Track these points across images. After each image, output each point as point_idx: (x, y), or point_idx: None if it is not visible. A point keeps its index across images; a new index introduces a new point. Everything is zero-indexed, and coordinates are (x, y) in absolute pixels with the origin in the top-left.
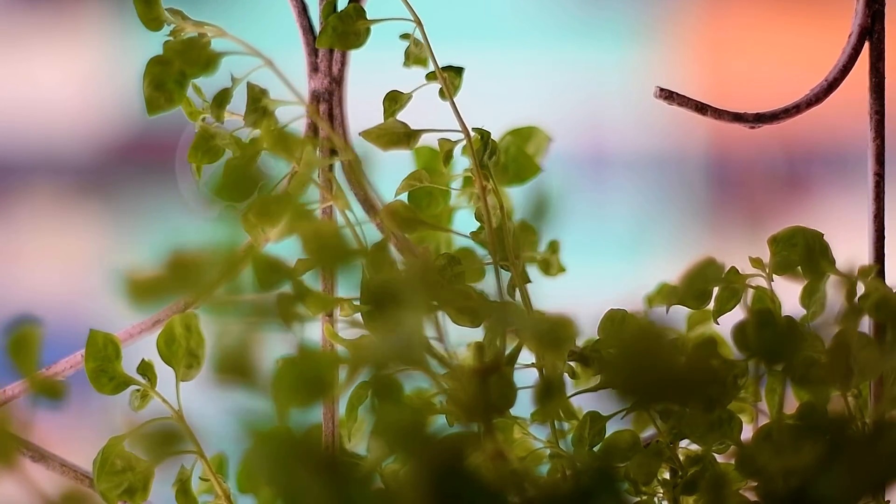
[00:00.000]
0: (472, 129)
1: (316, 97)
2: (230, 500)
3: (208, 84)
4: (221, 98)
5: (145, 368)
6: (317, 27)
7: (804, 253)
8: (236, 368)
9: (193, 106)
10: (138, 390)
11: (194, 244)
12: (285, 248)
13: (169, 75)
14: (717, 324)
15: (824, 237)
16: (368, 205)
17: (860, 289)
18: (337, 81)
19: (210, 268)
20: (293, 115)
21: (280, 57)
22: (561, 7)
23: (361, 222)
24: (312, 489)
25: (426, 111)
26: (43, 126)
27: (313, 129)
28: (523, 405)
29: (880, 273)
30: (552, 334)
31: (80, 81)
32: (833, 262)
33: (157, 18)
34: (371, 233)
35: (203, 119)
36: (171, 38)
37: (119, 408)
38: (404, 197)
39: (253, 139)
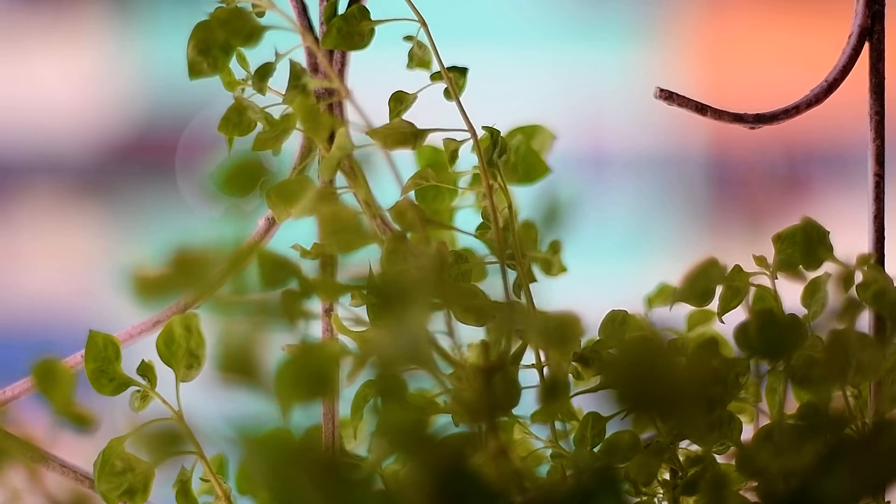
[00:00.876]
0: (483, 127)
1: (316, 97)
2: (230, 500)
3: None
4: (264, 71)
5: (145, 369)
6: (317, 27)
7: (803, 242)
8: (240, 367)
9: (233, 76)
10: (138, 391)
11: (199, 241)
12: (294, 239)
13: (215, 41)
14: (723, 322)
15: (823, 227)
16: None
17: (858, 278)
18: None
19: (215, 264)
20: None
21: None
22: (561, 7)
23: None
24: (311, 491)
25: (426, 111)
26: (43, 126)
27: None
28: (523, 405)
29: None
30: (558, 332)
31: (80, 81)
32: (831, 249)
33: None
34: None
35: (242, 90)
36: (223, 5)
37: (119, 408)
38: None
39: (284, 115)
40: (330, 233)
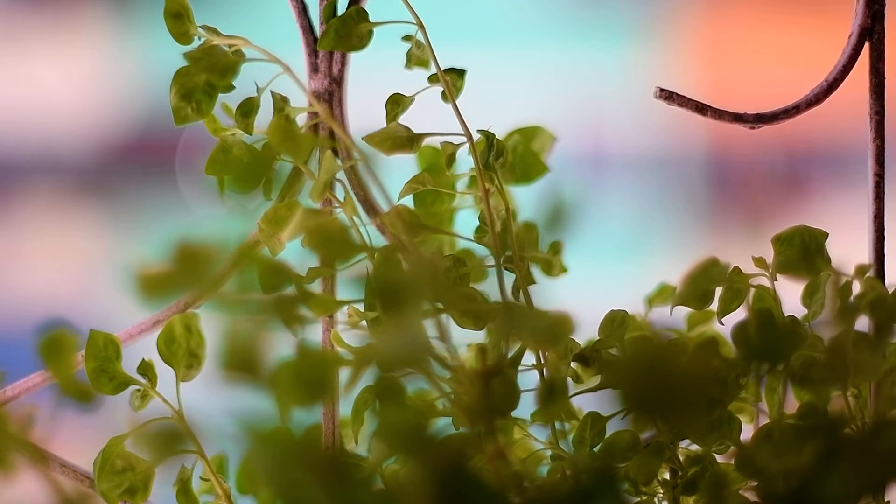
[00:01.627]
0: (478, 130)
1: (316, 97)
2: (230, 500)
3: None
4: (247, 108)
5: (145, 368)
6: (317, 28)
7: (801, 251)
8: (243, 365)
9: (219, 122)
10: (139, 390)
11: (202, 237)
12: (292, 255)
13: (196, 85)
14: (722, 324)
15: (823, 235)
16: (369, 207)
17: (856, 288)
18: (337, 82)
19: (219, 260)
20: (304, 117)
21: (280, 57)
22: (561, 7)
23: (364, 224)
24: (312, 490)
25: (426, 111)
26: (43, 126)
27: (325, 131)
28: (522, 406)
29: (879, 273)
30: (549, 331)
31: (80, 81)
32: (829, 260)
33: (186, 33)
34: (373, 235)
35: (233, 135)
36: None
37: (120, 408)
38: (406, 199)
39: (266, 143)
40: (316, 245)
